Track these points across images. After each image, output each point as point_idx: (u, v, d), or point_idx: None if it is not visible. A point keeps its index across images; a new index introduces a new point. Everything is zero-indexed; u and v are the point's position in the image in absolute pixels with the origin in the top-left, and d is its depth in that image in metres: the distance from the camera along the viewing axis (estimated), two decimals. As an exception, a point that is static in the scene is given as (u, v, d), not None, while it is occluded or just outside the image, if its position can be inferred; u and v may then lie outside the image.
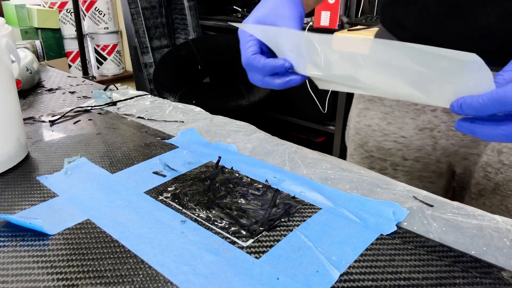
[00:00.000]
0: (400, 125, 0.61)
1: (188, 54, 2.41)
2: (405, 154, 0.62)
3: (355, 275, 0.35)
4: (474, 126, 0.35)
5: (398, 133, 0.62)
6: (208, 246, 0.38)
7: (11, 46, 0.50)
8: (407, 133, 0.61)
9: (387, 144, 0.63)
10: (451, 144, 0.58)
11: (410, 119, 0.60)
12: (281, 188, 0.47)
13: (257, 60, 0.46)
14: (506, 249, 0.37)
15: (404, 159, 0.62)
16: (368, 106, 0.65)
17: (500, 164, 0.54)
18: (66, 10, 2.78)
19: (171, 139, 0.60)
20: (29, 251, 0.37)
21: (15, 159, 0.53)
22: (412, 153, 0.62)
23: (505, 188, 0.54)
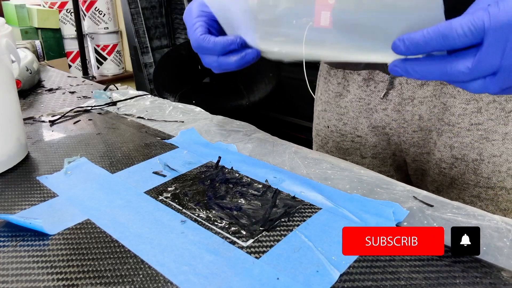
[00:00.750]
0: (355, 125, 0.63)
1: (188, 54, 2.41)
2: (363, 152, 0.63)
3: (355, 275, 0.35)
4: (409, 64, 0.33)
5: (354, 133, 0.63)
6: (208, 246, 0.38)
7: (11, 46, 0.50)
8: (362, 132, 0.62)
9: (345, 144, 0.65)
10: (402, 142, 0.59)
11: (364, 119, 0.62)
12: (281, 188, 0.47)
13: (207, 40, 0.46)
14: (506, 249, 0.37)
15: (363, 157, 0.64)
16: (325, 108, 0.66)
17: (453, 159, 0.55)
18: (66, 10, 2.78)
19: (171, 139, 0.60)
20: (29, 251, 0.37)
21: (15, 159, 0.53)
22: (369, 150, 0.63)
23: (460, 181, 0.55)
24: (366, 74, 0.60)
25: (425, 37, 0.31)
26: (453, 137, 0.55)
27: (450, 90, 0.54)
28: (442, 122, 0.55)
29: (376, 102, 0.60)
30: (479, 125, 0.53)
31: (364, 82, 0.60)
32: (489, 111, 0.52)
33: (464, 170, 0.55)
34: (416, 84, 0.55)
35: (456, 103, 0.54)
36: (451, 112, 0.54)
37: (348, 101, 0.62)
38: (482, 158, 0.53)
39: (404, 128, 0.58)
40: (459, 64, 0.31)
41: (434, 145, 0.57)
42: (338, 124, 0.65)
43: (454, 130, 0.54)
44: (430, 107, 0.55)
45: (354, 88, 0.62)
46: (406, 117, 0.57)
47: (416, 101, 0.56)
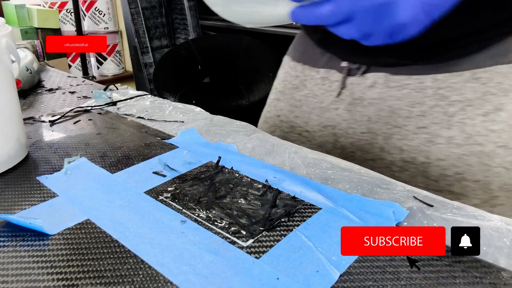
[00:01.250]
0: (306, 120, 0.64)
1: (188, 54, 2.41)
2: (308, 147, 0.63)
3: (355, 275, 0.35)
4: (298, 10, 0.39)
5: (303, 127, 0.64)
6: (208, 246, 0.38)
7: (11, 46, 0.50)
8: (311, 128, 0.63)
9: (292, 136, 0.66)
10: (350, 144, 0.60)
11: (315, 116, 0.63)
12: (281, 188, 0.47)
13: None
14: (506, 249, 0.37)
15: None
16: (279, 98, 0.68)
17: (403, 162, 0.55)
18: (66, 10, 2.78)
19: (171, 139, 0.60)
20: (29, 251, 0.37)
21: (15, 159, 0.53)
22: (313, 148, 0.63)
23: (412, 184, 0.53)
24: (324, 72, 0.62)
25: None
26: (401, 139, 0.55)
27: (395, 93, 0.55)
28: (390, 125, 0.56)
29: (329, 101, 0.61)
30: (424, 129, 0.53)
31: (321, 80, 0.62)
32: (433, 114, 0.53)
33: (415, 173, 0.55)
34: (365, 85, 0.56)
35: (402, 106, 0.55)
36: (398, 114, 0.55)
37: (303, 95, 0.64)
38: (429, 161, 0.53)
39: (353, 129, 0.59)
40: (324, 8, 0.38)
41: (380, 150, 0.57)
42: (289, 115, 0.65)
43: (402, 132, 0.55)
44: (377, 109, 0.56)
45: (311, 84, 0.63)
46: (356, 117, 0.58)
47: (365, 102, 0.57)
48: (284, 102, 0.67)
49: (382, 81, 0.56)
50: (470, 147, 0.51)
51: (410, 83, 0.54)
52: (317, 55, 0.63)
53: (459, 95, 0.51)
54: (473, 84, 0.51)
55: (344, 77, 0.58)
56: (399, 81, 0.54)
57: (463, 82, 0.51)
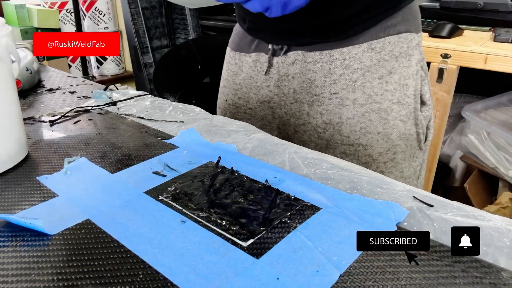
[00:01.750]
0: (247, 99, 0.74)
1: (188, 54, 2.41)
2: (253, 122, 0.75)
3: (355, 275, 0.35)
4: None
5: (246, 105, 0.75)
6: (208, 246, 0.38)
7: (11, 46, 0.50)
8: (252, 105, 0.74)
9: (239, 115, 0.76)
10: (284, 113, 0.70)
11: (253, 94, 0.73)
12: (281, 188, 0.47)
13: None
14: (506, 249, 0.37)
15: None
16: (225, 85, 0.78)
17: (324, 124, 0.66)
18: (66, 10, 2.78)
19: (171, 139, 0.60)
20: (29, 251, 0.37)
21: (15, 159, 0.53)
22: (257, 121, 0.74)
23: (332, 142, 0.66)
24: (255, 56, 0.71)
25: None
26: (320, 105, 0.66)
27: (311, 67, 0.65)
28: (310, 94, 0.66)
29: (261, 80, 0.71)
30: (336, 94, 0.64)
31: (253, 63, 0.72)
32: (341, 82, 0.63)
33: (333, 132, 0.66)
34: (288, 63, 0.67)
35: (318, 77, 0.65)
36: (315, 85, 0.65)
37: (242, 79, 0.74)
38: (342, 121, 0.64)
39: (284, 100, 0.69)
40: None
41: (308, 115, 0.68)
42: (234, 98, 0.76)
43: (320, 99, 0.66)
44: (300, 82, 0.66)
45: (246, 68, 0.73)
46: (284, 91, 0.69)
47: (290, 77, 0.67)
48: (228, 87, 0.78)
49: (300, 58, 0.65)
50: (370, 105, 0.63)
51: (322, 57, 0.64)
52: (249, 42, 0.73)
53: (360, 63, 0.62)
54: (370, 54, 0.62)
55: (269, 57, 0.68)
56: (314, 57, 0.64)
57: (362, 52, 0.62)
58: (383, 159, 0.65)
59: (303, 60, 0.65)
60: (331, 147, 0.67)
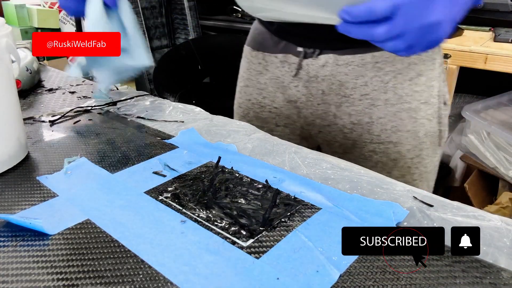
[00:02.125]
0: (273, 98, 0.75)
1: (188, 54, 2.41)
2: (277, 121, 0.76)
3: (355, 275, 0.35)
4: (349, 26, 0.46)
5: (271, 104, 0.76)
6: (208, 246, 0.38)
7: (11, 46, 0.50)
8: (278, 104, 0.75)
9: (264, 114, 0.77)
10: (310, 114, 0.72)
11: (280, 94, 0.74)
12: (281, 188, 0.47)
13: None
14: (506, 249, 0.37)
15: (277, 125, 0.77)
16: (247, 84, 0.79)
17: (352, 124, 0.68)
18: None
19: (171, 139, 0.60)
20: (29, 251, 0.37)
21: (15, 159, 0.53)
22: (282, 120, 0.76)
23: (360, 141, 0.69)
24: (282, 57, 0.72)
25: (358, 11, 0.44)
26: (349, 106, 0.68)
27: (343, 69, 0.66)
28: (339, 95, 0.68)
29: (289, 80, 0.72)
30: (367, 95, 0.67)
31: (280, 64, 0.72)
32: (373, 83, 0.66)
33: (361, 132, 0.68)
34: (318, 65, 0.68)
35: (349, 79, 0.67)
36: (346, 86, 0.67)
37: (268, 79, 0.75)
38: (372, 120, 0.67)
39: (311, 101, 0.71)
40: (379, 28, 0.45)
41: (334, 117, 0.70)
42: (258, 97, 0.77)
43: (349, 100, 0.68)
44: (329, 84, 0.68)
45: (272, 68, 0.74)
46: (312, 92, 0.70)
47: (319, 78, 0.68)
48: (252, 87, 0.78)
49: (332, 61, 0.67)
50: (401, 105, 0.66)
51: (354, 61, 0.66)
52: (274, 42, 0.73)
53: (392, 66, 0.65)
54: (401, 57, 0.65)
55: (300, 59, 0.69)
56: (346, 60, 0.66)
57: (394, 56, 0.65)
58: (410, 155, 0.68)
59: (335, 63, 0.67)
60: (358, 146, 0.69)
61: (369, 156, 0.69)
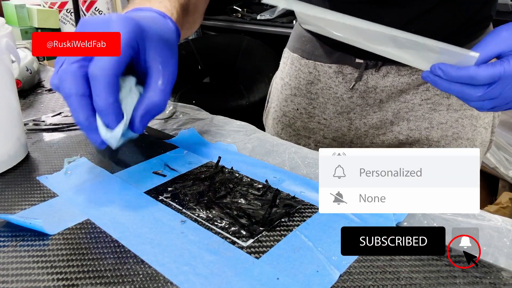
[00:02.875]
0: (323, 109, 0.73)
1: (188, 54, 2.41)
2: (326, 133, 0.75)
3: (355, 275, 0.35)
4: (438, 79, 0.46)
5: (321, 115, 0.74)
6: (208, 246, 0.38)
7: (11, 46, 0.50)
8: (328, 116, 0.73)
9: (312, 125, 0.75)
10: (363, 124, 0.70)
11: (331, 105, 0.72)
12: (281, 188, 0.47)
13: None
14: (506, 249, 0.37)
15: (324, 137, 0.75)
16: (295, 93, 0.77)
17: (409, 130, 0.67)
18: (66, 10, 2.78)
19: (171, 139, 0.60)
20: (29, 251, 0.37)
21: (15, 159, 0.53)
22: (331, 133, 0.74)
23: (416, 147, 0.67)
24: (336, 67, 0.70)
25: (458, 74, 0.44)
26: (408, 111, 0.67)
27: (405, 79, 0.65)
28: (398, 101, 0.67)
29: (343, 91, 0.70)
30: (428, 100, 0.65)
31: (334, 74, 0.70)
32: (435, 88, 0.64)
33: (418, 137, 0.67)
34: (379, 76, 0.66)
35: (411, 87, 0.66)
36: (406, 93, 0.66)
37: (319, 89, 0.73)
38: (432, 126, 0.66)
39: (366, 110, 0.69)
40: (474, 91, 0.45)
41: (391, 124, 0.68)
42: (307, 107, 0.75)
43: (409, 105, 0.66)
44: (388, 93, 0.67)
45: (325, 78, 0.72)
46: (369, 102, 0.69)
47: (378, 89, 0.67)
48: (301, 96, 0.75)
49: (394, 71, 0.65)
50: (464, 112, 0.65)
51: (418, 70, 0.64)
52: (327, 52, 0.71)
53: None
54: None
55: (361, 71, 0.67)
56: (409, 70, 0.65)
57: None
58: None
59: (397, 73, 0.65)
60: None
61: None
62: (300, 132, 0.76)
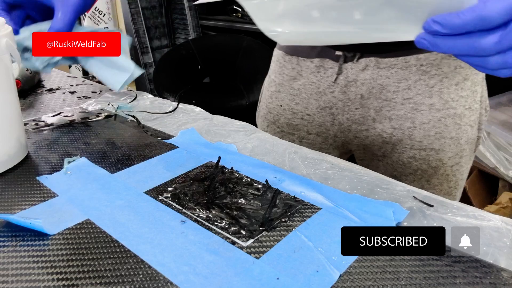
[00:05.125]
0: (306, 105, 0.72)
1: (188, 54, 2.41)
2: (309, 129, 0.74)
3: (355, 275, 0.35)
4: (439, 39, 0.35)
5: (304, 111, 0.73)
6: (208, 246, 0.38)
7: (11, 46, 0.50)
8: (311, 111, 0.72)
9: (295, 121, 0.75)
10: (346, 119, 0.70)
11: (314, 100, 0.71)
12: (281, 188, 0.47)
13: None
14: (506, 249, 0.37)
15: (309, 133, 0.74)
16: (279, 89, 0.76)
17: (392, 128, 0.66)
18: (66, 10, 2.77)
19: (171, 139, 0.60)
20: (29, 251, 0.38)
21: (15, 159, 0.53)
22: (314, 128, 0.73)
23: (399, 146, 0.67)
24: (318, 61, 0.69)
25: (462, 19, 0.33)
26: (390, 110, 0.66)
27: (384, 72, 0.64)
28: (380, 99, 0.66)
29: (325, 86, 0.69)
30: (410, 99, 0.64)
31: (316, 69, 0.70)
32: (417, 87, 0.63)
33: (401, 137, 0.66)
34: (358, 69, 0.65)
35: (391, 82, 0.64)
36: (387, 90, 0.65)
37: (301, 84, 0.72)
38: (415, 126, 0.65)
39: (348, 106, 0.68)
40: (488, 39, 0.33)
41: (373, 121, 0.67)
42: (291, 103, 0.74)
43: (391, 104, 0.65)
44: (369, 88, 0.65)
45: (307, 73, 0.71)
46: (351, 96, 0.67)
47: (359, 83, 0.66)
48: (284, 92, 0.75)
49: (373, 64, 0.64)
50: (447, 111, 0.64)
51: (397, 63, 0.63)
52: (309, 47, 0.70)
53: (437, 70, 0.62)
54: (448, 60, 0.62)
55: (340, 64, 0.66)
56: (388, 63, 0.63)
57: (440, 59, 0.62)
58: (451, 162, 0.66)
59: (376, 66, 0.64)
60: (397, 151, 0.67)
61: (408, 163, 0.66)
62: (284, 129, 0.76)
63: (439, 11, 0.34)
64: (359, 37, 0.41)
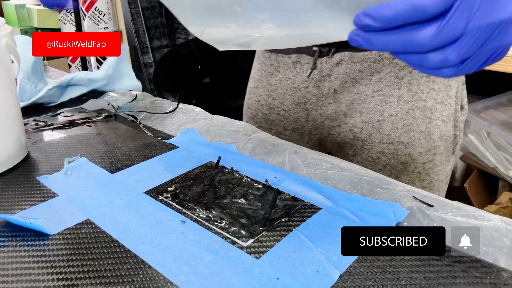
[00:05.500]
0: (282, 100, 0.73)
1: (188, 54, 2.41)
2: (285, 124, 0.74)
3: (355, 275, 0.35)
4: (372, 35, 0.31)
5: (280, 107, 0.74)
6: (208, 246, 0.38)
7: (11, 46, 0.50)
8: (286, 107, 0.73)
9: (272, 116, 0.75)
10: (319, 115, 0.70)
11: (289, 96, 0.72)
12: (281, 188, 0.47)
13: None
14: (506, 249, 0.37)
15: (285, 129, 0.75)
16: (257, 85, 0.77)
17: (362, 123, 0.66)
18: (66, 10, 2.78)
19: (171, 139, 0.60)
20: (29, 251, 0.38)
21: (15, 159, 0.53)
22: (290, 124, 0.74)
23: (369, 141, 0.66)
24: (295, 57, 0.69)
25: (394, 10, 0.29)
26: (361, 103, 0.65)
27: (358, 66, 0.64)
28: (352, 93, 0.66)
29: (300, 81, 0.70)
30: (380, 91, 0.64)
31: (292, 64, 0.70)
32: (387, 79, 0.63)
33: (371, 131, 0.65)
34: (333, 63, 0.65)
35: (363, 76, 0.64)
36: (360, 83, 0.65)
37: (278, 80, 0.73)
38: (383, 118, 0.64)
39: (321, 101, 0.69)
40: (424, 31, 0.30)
41: (344, 115, 0.67)
42: (267, 99, 0.75)
43: (361, 97, 0.65)
44: (342, 82, 0.65)
45: (284, 69, 0.72)
46: (324, 91, 0.68)
47: (332, 77, 0.66)
48: (262, 88, 0.76)
49: (347, 58, 0.64)
50: (415, 102, 0.63)
51: (371, 57, 0.63)
52: None
53: None
54: None
55: (315, 58, 0.66)
56: (362, 56, 0.63)
57: None
58: (422, 159, 0.65)
59: (350, 60, 0.64)
60: (366, 147, 0.66)
61: (377, 158, 0.66)
62: (262, 124, 0.77)
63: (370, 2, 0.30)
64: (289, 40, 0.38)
